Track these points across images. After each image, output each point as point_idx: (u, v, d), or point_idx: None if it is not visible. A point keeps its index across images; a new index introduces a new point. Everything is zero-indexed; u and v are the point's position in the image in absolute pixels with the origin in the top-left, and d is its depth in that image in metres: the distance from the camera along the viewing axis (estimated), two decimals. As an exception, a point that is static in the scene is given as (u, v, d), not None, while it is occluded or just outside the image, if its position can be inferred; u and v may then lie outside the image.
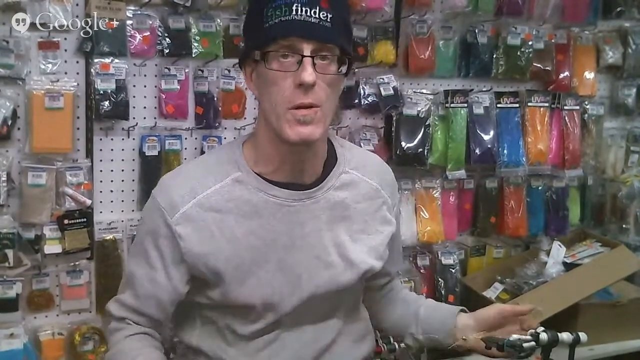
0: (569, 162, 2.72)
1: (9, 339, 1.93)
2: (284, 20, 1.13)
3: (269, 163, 1.26)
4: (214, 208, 1.23)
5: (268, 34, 1.15)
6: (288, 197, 1.25)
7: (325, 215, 1.29)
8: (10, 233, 1.89)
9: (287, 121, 1.16)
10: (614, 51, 2.84)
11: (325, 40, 1.14)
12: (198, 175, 1.27)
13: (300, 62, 1.13)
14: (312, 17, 1.12)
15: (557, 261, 2.53)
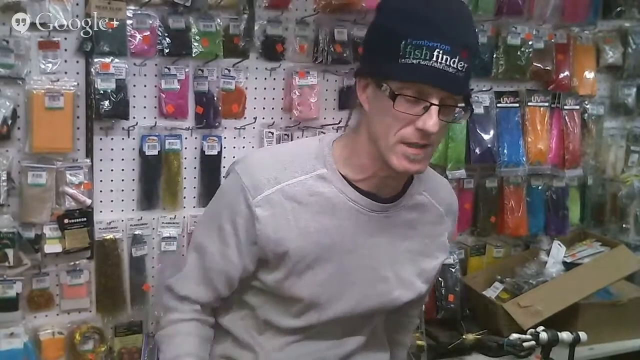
0: (569, 161, 2.72)
1: (9, 339, 1.93)
2: (423, 65, 1.10)
3: (359, 171, 1.26)
4: (295, 198, 1.24)
5: (404, 74, 1.12)
6: (366, 206, 1.27)
7: (392, 231, 1.31)
8: (10, 232, 1.89)
9: (396, 154, 1.16)
10: (614, 51, 2.84)
11: (456, 92, 1.15)
12: (286, 162, 1.27)
13: (427, 109, 1.12)
14: (450, 66, 1.11)
15: (557, 261, 2.53)
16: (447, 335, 2.33)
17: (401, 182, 1.30)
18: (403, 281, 1.34)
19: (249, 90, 2.23)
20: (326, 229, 1.26)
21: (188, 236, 2.19)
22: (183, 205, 2.17)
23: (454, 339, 2.28)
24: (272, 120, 2.28)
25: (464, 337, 2.27)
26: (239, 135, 2.24)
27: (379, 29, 1.19)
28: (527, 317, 2.25)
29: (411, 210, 1.33)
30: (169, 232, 2.15)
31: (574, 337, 1.86)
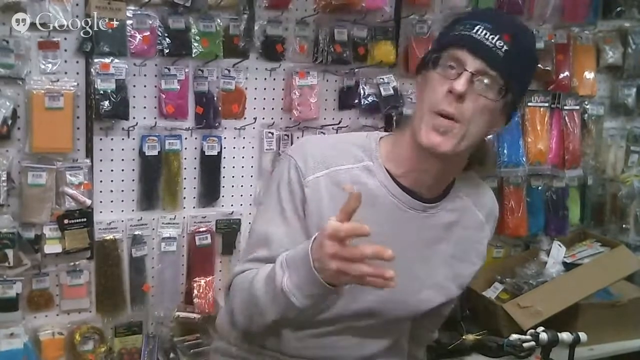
0: (569, 162, 2.72)
1: (9, 339, 1.93)
2: (463, 34, 1.19)
3: (399, 166, 1.28)
4: (340, 185, 1.25)
5: (444, 43, 1.22)
6: (406, 202, 1.28)
7: (429, 232, 1.32)
8: (10, 233, 1.89)
9: (425, 124, 1.19)
10: (614, 51, 2.83)
11: (490, 63, 1.18)
12: (335, 150, 1.30)
13: (460, 74, 1.17)
14: (488, 40, 1.18)
15: (557, 261, 2.53)
16: (447, 336, 2.32)
17: (441, 181, 1.31)
18: (435, 283, 1.35)
19: (249, 90, 2.23)
20: (365, 219, 1.22)
21: (188, 236, 2.20)
22: (183, 206, 2.17)
23: (454, 340, 2.27)
24: (272, 121, 2.28)
25: (464, 338, 2.27)
26: (239, 136, 2.24)
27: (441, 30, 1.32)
28: (527, 317, 2.25)
29: (451, 213, 1.34)
30: (169, 233, 2.15)
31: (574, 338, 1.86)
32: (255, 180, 2.29)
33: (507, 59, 1.18)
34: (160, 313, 2.18)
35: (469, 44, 1.18)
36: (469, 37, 1.18)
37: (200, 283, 2.19)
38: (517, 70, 1.21)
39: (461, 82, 1.16)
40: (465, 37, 1.19)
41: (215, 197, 2.24)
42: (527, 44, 1.24)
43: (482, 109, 1.19)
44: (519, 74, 1.23)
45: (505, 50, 1.17)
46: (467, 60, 1.17)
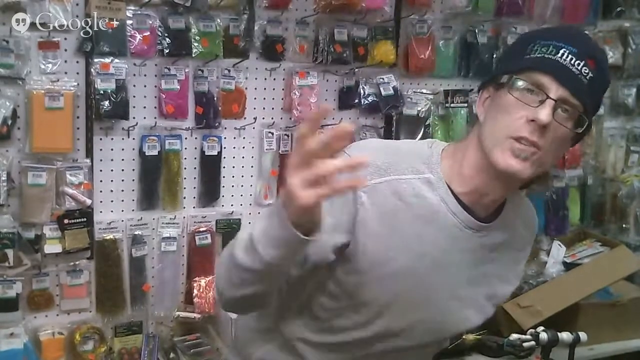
0: (569, 162, 2.72)
1: (9, 339, 1.93)
2: (547, 58, 1.11)
3: (463, 182, 1.21)
4: (400, 195, 1.19)
5: (525, 63, 1.13)
6: (464, 220, 1.21)
7: (479, 252, 1.26)
8: (10, 233, 1.89)
9: (502, 148, 1.12)
10: (614, 51, 2.83)
11: (575, 92, 1.11)
12: (398, 158, 1.22)
13: (543, 102, 1.10)
14: (574, 66, 1.11)
15: (557, 261, 2.53)
16: (447, 336, 2.32)
17: (497, 202, 1.25)
18: (475, 302, 1.29)
19: (249, 90, 2.23)
20: (421, 235, 1.20)
21: (188, 236, 2.20)
22: (183, 206, 2.17)
23: (454, 340, 2.27)
24: (272, 121, 2.28)
25: (464, 338, 2.26)
26: (239, 136, 2.24)
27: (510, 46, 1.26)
28: (527, 317, 2.25)
29: (502, 232, 1.27)
30: (169, 233, 2.15)
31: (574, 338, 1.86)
32: (255, 180, 2.29)
33: (591, 87, 1.12)
34: (160, 313, 2.18)
35: (554, 69, 1.10)
36: (555, 62, 1.11)
37: (200, 283, 2.19)
38: (597, 98, 1.17)
39: (546, 112, 1.09)
40: (550, 61, 1.11)
41: (215, 197, 2.24)
42: (606, 69, 1.18)
43: (560, 139, 1.14)
44: (598, 101, 1.19)
45: (589, 77, 1.11)
46: (552, 87, 1.10)
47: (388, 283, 1.21)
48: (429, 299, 1.24)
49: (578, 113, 1.13)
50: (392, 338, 1.27)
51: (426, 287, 1.23)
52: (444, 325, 1.29)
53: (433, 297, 1.25)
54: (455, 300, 1.26)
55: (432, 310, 1.25)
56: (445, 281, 1.24)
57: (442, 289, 1.25)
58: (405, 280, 1.21)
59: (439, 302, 1.25)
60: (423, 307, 1.25)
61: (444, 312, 1.27)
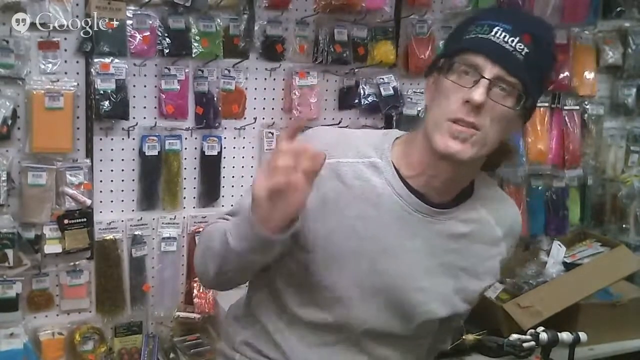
0: (569, 162, 2.72)
1: (9, 339, 1.93)
2: (480, 38, 1.12)
3: (410, 167, 1.22)
4: (340, 177, 1.20)
5: (458, 46, 1.14)
6: (412, 204, 1.21)
7: (437, 241, 1.25)
8: (10, 233, 1.89)
9: (441, 131, 1.13)
10: (614, 51, 2.83)
11: (509, 70, 1.11)
12: (342, 141, 1.24)
13: (477, 82, 1.10)
14: (507, 43, 1.10)
15: (557, 261, 2.52)
16: (447, 336, 2.32)
17: (452, 187, 1.24)
18: (440, 295, 1.27)
19: (249, 90, 2.23)
20: (365, 218, 1.20)
21: (188, 236, 2.20)
22: (183, 206, 2.17)
23: (454, 340, 2.27)
24: (272, 121, 2.28)
25: (464, 338, 2.26)
26: (239, 136, 2.24)
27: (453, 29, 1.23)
28: (527, 317, 2.25)
29: (463, 224, 1.26)
30: (169, 233, 2.15)
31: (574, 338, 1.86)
32: (255, 180, 2.29)
33: (527, 63, 1.11)
34: (160, 313, 2.18)
35: (486, 48, 1.10)
36: (487, 40, 1.11)
37: (200, 283, 2.19)
38: (537, 73, 1.15)
39: (479, 92, 1.09)
40: (482, 40, 1.11)
41: (215, 197, 2.24)
42: (548, 43, 1.16)
43: (500, 117, 1.13)
44: (539, 76, 1.17)
45: (525, 53, 1.11)
46: (485, 67, 1.10)
47: (338, 265, 1.21)
48: (387, 286, 1.23)
49: (517, 91, 1.12)
50: (358, 324, 1.26)
51: (381, 273, 1.22)
52: (408, 315, 1.27)
53: (391, 286, 1.24)
54: (417, 293, 1.25)
55: (392, 299, 1.24)
56: (400, 270, 1.23)
57: (400, 277, 1.23)
58: (357, 264, 1.21)
59: (399, 291, 1.24)
60: (383, 295, 1.24)
61: (404, 302, 1.25)
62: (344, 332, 1.27)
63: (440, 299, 1.28)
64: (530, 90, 1.14)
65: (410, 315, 1.27)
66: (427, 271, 1.25)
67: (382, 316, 1.26)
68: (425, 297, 1.26)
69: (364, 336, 1.28)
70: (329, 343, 1.28)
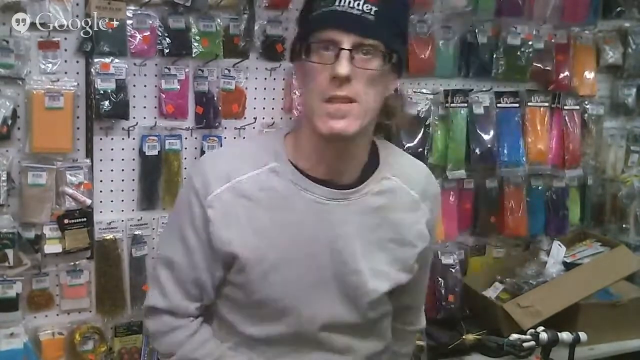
0: (569, 162, 2.72)
1: (9, 339, 1.93)
2: (325, 11, 1.10)
3: (307, 158, 1.22)
4: (246, 195, 1.20)
5: (309, 26, 1.14)
6: (322, 194, 1.22)
7: (359, 220, 1.25)
8: (10, 233, 1.89)
9: (320, 115, 1.13)
10: (614, 51, 2.84)
11: (365, 34, 1.10)
12: (235, 159, 1.24)
13: (338, 55, 1.10)
14: (354, 8, 1.09)
15: (557, 261, 2.53)
16: (447, 336, 2.32)
17: (353, 163, 1.24)
18: (377, 272, 1.27)
19: (249, 90, 2.23)
20: (283, 224, 1.21)
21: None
22: (183, 206, 2.17)
23: (454, 339, 2.28)
24: (272, 120, 2.28)
25: (464, 338, 2.27)
26: (239, 136, 2.24)
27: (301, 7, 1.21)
28: (527, 317, 2.25)
29: (378, 197, 1.26)
30: (169, 232, 2.15)
31: (574, 338, 1.86)
32: (255, 180, 2.29)
33: (380, 21, 1.10)
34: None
35: (335, 20, 1.09)
36: (333, 12, 1.09)
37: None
38: (394, 26, 1.15)
39: (343, 64, 1.08)
40: (328, 14, 1.10)
41: (215, 197, 2.23)
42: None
43: (371, 81, 1.12)
44: (397, 29, 1.16)
45: (375, 12, 1.10)
46: (341, 38, 1.09)
47: (273, 277, 1.22)
48: (325, 279, 1.24)
49: (379, 51, 1.12)
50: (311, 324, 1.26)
51: (316, 268, 1.23)
52: (355, 300, 1.27)
53: (330, 277, 1.24)
54: (354, 276, 1.25)
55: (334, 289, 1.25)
56: (334, 259, 1.24)
57: (335, 267, 1.24)
58: (291, 269, 1.22)
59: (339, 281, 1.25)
60: (325, 289, 1.24)
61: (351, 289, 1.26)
62: (302, 336, 1.27)
63: (378, 276, 1.27)
64: (392, 46, 1.14)
65: (356, 299, 1.27)
66: (360, 252, 1.25)
67: (331, 309, 1.26)
68: (364, 277, 1.26)
69: (322, 333, 1.28)
70: (291, 351, 1.29)
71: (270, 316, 1.26)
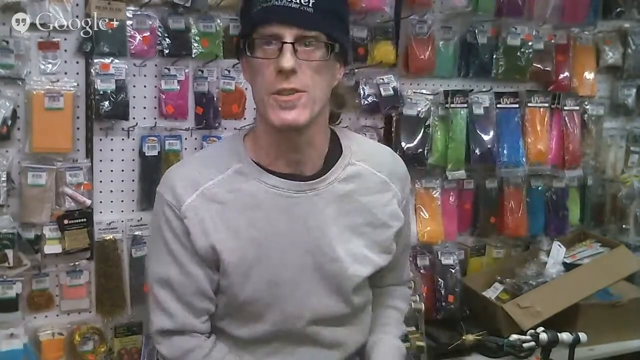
0: (569, 162, 2.72)
1: (9, 339, 1.92)
2: (265, 7, 1.13)
3: (267, 154, 1.25)
4: (216, 199, 1.23)
5: (249, 23, 1.16)
6: (288, 187, 1.24)
7: (330, 208, 1.27)
8: (10, 233, 1.89)
9: (271, 107, 1.16)
10: (613, 51, 2.84)
11: (305, 26, 1.13)
12: (200, 167, 1.26)
13: (281, 49, 1.12)
14: (292, 2, 1.12)
15: (557, 261, 2.53)
16: (447, 336, 2.32)
17: (313, 153, 1.26)
18: (356, 257, 1.29)
19: (249, 90, 2.22)
20: (254, 223, 1.23)
21: (188, 237, 2.19)
22: (183, 206, 2.17)
23: (454, 340, 2.28)
24: (272, 121, 2.28)
25: (464, 338, 2.27)
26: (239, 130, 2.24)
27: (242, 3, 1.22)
28: (527, 317, 2.25)
29: (346, 183, 1.29)
30: (169, 233, 2.15)
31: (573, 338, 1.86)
32: (255, 180, 2.29)
33: (319, 12, 1.13)
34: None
35: (275, 15, 1.12)
36: (272, 7, 1.12)
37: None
38: (333, 16, 1.17)
39: (287, 58, 1.11)
40: (268, 9, 1.12)
41: (215, 197, 2.23)
42: None
43: (317, 71, 1.16)
44: (338, 18, 1.19)
45: (312, 3, 1.12)
46: (282, 33, 1.12)
47: (254, 278, 1.24)
48: (306, 271, 1.26)
49: (322, 42, 1.15)
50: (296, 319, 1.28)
51: (295, 264, 1.25)
52: (338, 287, 1.29)
53: (310, 268, 1.26)
54: (334, 263, 1.27)
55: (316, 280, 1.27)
56: (311, 250, 1.26)
57: (313, 258, 1.26)
58: (270, 268, 1.24)
59: (320, 270, 1.27)
60: (307, 282, 1.27)
61: (332, 277, 1.28)
62: (289, 333, 1.30)
63: (357, 260, 1.30)
64: (334, 36, 1.17)
65: (340, 287, 1.29)
66: (336, 240, 1.27)
67: (317, 302, 1.28)
68: (344, 264, 1.28)
69: (310, 327, 1.30)
70: (280, 347, 1.31)
71: (255, 316, 1.28)
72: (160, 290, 1.28)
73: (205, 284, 1.26)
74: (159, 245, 1.27)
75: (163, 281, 1.27)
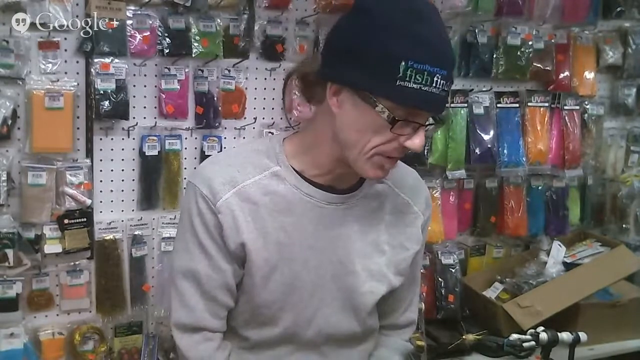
0: (569, 162, 2.72)
1: (9, 339, 1.93)
2: (424, 91, 1.09)
3: (314, 167, 1.26)
4: (251, 199, 1.23)
5: (404, 98, 1.09)
6: (322, 198, 1.26)
7: (355, 223, 1.30)
8: (10, 233, 1.89)
9: (372, 164, 1.18)
10: (614, 51, 2.84)
11: (441, 112, 1.17)
12: (238, 165, 1.26)
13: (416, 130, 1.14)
14: (443, 91, 1.11)
15: (557, 261, 2.53)
16: (447, 336, 2.32)
17: (355, 174, 1.27)
18: (373, 273, 1.31)
19: (249, 90, 2.23)
20: (284, 227, 1.25)
21: (188, 236, 2.19)
22: (183, 206, 2.17)
23: (454, 340, 2.27)
24: (272, 121, 2.28)
25: (464, 338, 2.26)
26: (239, 136, 2.24)
27: (364, 38, 1.11)
28: (527, 317, 2.25)
29: (372, 200, 1.31)
30: (169, 233, 2.15)
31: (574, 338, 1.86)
32: (255, 180, 2.29)
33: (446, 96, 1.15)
34: (160, 313, 2.17)
35: (431, 104, 1.12)
36: (430, 95, 1.09)
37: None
38: None
39: (419, 140, 1.14)
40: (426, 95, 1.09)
41: (215, 197, 2.23)
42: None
43: None
44: None
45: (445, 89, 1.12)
46: (422, 115, 1.14)
47: (275, 279, 1.26)
48: (324, 280, 1.28)
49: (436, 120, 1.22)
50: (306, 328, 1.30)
51: (314, 270, 1.27)
52: (353, 302, 1.31)
53: (328, 279, 1.28)
54: (351, 276, 1.29)
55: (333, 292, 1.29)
56: (330, 260, 1.28)
57: (331, 268, 1.28)
58: (290, 271, 1.26)
59: (336, 282, 1.28)
60: (322, 292, 1.28)
61: (347, 290, 1.29)
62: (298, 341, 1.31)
63: (375, 277, 1.32)
64: None
65: (353, 303, 1.31)
66: (357, 254, 1.30)
67: (329, 312, 1.30)
68: (362, 279, 1.30)
69: (318, 339, 1.32)
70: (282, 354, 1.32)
71: (268, 318, 1.29)
72: (184, 282, 1.28)
73: (231, 279, 1.27)
74: (189, 236, 1.27)
75: (190, 274, 1.27)
